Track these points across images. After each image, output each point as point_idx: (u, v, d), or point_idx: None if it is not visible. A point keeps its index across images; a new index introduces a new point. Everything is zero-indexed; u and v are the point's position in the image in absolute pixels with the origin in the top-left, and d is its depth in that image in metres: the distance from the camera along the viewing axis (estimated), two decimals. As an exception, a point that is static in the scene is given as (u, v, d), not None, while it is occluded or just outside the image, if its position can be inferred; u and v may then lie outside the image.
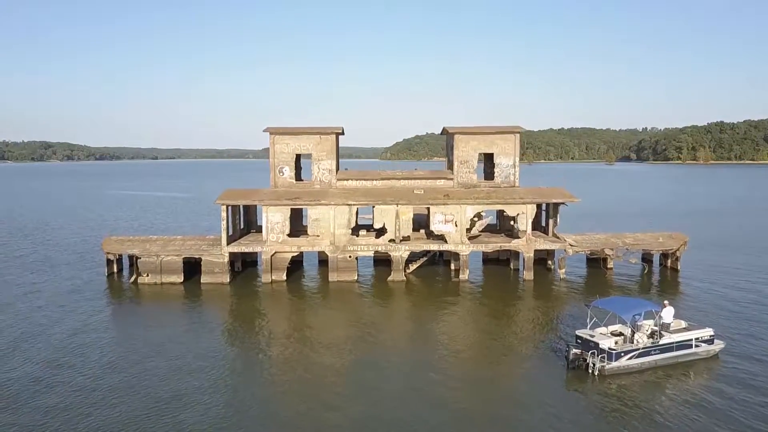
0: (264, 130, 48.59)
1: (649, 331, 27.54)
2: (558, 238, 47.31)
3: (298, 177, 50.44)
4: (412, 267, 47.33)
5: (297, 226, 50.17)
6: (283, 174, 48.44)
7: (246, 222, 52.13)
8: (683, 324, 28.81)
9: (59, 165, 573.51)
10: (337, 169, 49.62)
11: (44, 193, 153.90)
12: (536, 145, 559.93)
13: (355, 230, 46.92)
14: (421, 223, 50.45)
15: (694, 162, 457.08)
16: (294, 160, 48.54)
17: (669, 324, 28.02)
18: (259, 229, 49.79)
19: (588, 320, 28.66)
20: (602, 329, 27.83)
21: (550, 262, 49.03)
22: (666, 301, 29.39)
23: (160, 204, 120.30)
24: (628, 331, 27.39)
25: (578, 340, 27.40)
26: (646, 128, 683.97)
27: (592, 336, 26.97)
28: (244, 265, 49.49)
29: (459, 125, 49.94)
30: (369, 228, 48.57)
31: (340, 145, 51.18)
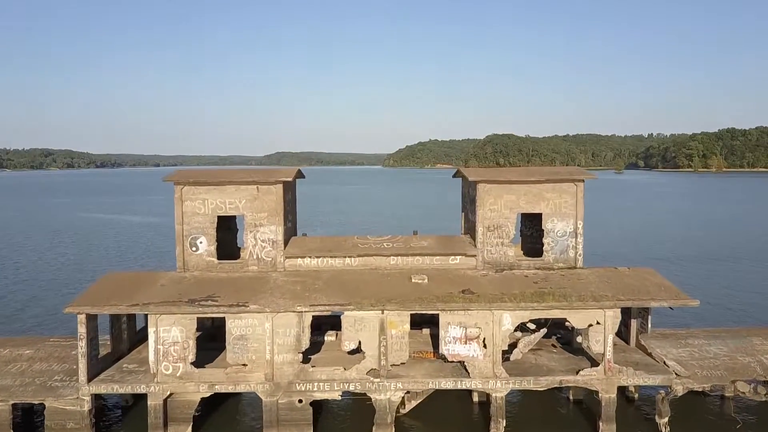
0: (165, 179, 29.89)
1: None
2: (651, 356, 28.46)
3: (227, 251, 31.83)
4: (409, 405, 28.51)
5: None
6: (198, 249, 29.70)
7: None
8: None
9: (57, 173, 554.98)
10: (288, 238, 30.94)
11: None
12: (542, 153, 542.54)
13: (315, 332, 28.62)
14: (424, 315, 31.80)
15: (707, 170, 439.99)
16: (215, 225, 29.81)
17: None
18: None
19: None
20: None
21: (632, 388, 30.26)
22: None
23: (117, 235, 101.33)
24: None
25: None
26: (651, 134, 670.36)
27: None
28: (137, 397, 30.56)
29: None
30: (338, 324, 29.70)
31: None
